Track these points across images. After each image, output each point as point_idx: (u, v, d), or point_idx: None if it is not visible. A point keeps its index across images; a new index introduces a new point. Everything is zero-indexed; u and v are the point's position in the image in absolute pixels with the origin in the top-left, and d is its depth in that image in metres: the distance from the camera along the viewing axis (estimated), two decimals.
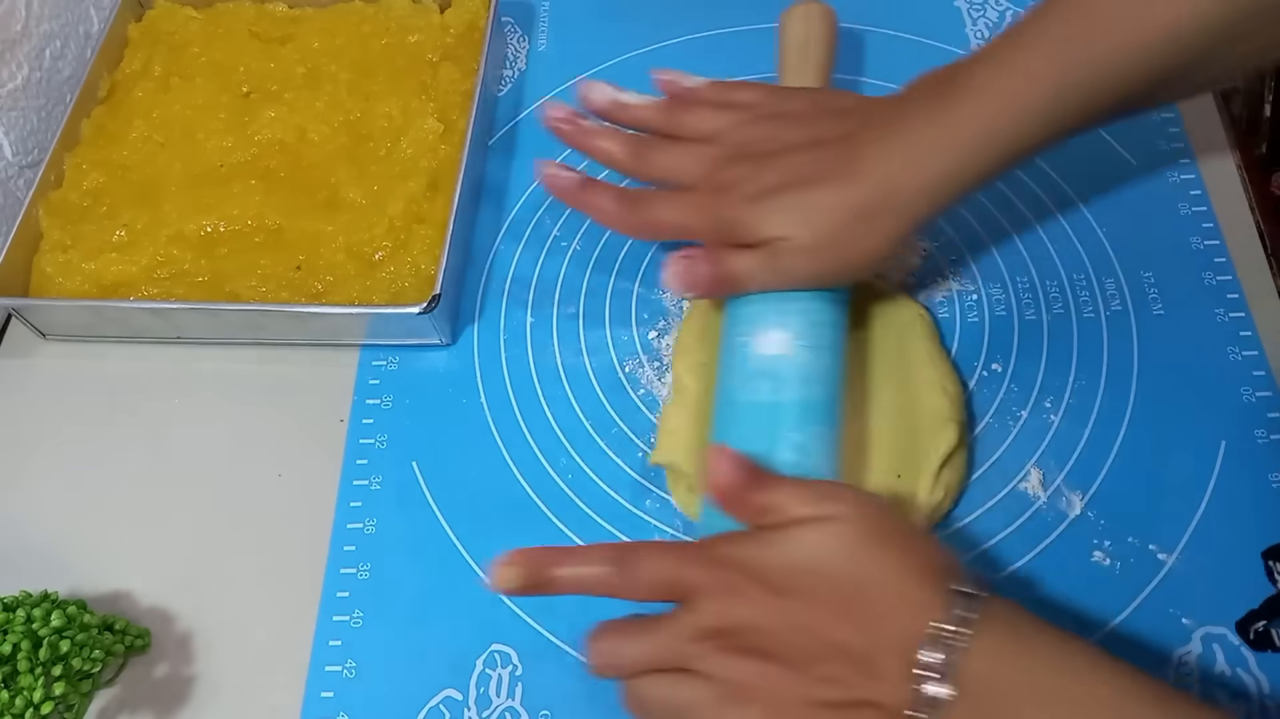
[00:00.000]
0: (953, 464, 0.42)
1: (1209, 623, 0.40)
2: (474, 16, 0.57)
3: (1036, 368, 0.46)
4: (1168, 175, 0.52)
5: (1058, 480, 0.43)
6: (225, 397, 0.49)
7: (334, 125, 0.53)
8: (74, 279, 0.49)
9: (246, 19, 0.58)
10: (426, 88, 0.55)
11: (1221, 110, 0.54)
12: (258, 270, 0.49)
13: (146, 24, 0.58)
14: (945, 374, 0.44)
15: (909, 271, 0.49)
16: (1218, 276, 0.48)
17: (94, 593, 0.43)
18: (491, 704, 0.40)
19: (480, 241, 0.52)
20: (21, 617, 0.38)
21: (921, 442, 0.42)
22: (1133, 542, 0.42)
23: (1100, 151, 0.53)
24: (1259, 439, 0.44)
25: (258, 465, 0.47)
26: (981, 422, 0.45)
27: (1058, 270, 0.49)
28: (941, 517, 0.42)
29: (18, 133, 0.54)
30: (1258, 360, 0.46)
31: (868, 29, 0.58)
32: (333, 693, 0.41)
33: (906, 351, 0.45)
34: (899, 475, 0.41)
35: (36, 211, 0.51)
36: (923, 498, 0.41)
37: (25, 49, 0.55)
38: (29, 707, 0.36)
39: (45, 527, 0.46)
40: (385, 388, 0.48)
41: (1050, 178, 0.52)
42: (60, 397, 0.49)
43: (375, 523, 0.45)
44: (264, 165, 0.53)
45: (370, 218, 0.50)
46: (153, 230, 0.50)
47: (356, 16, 0.57)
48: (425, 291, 0.47)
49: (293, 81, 0.55)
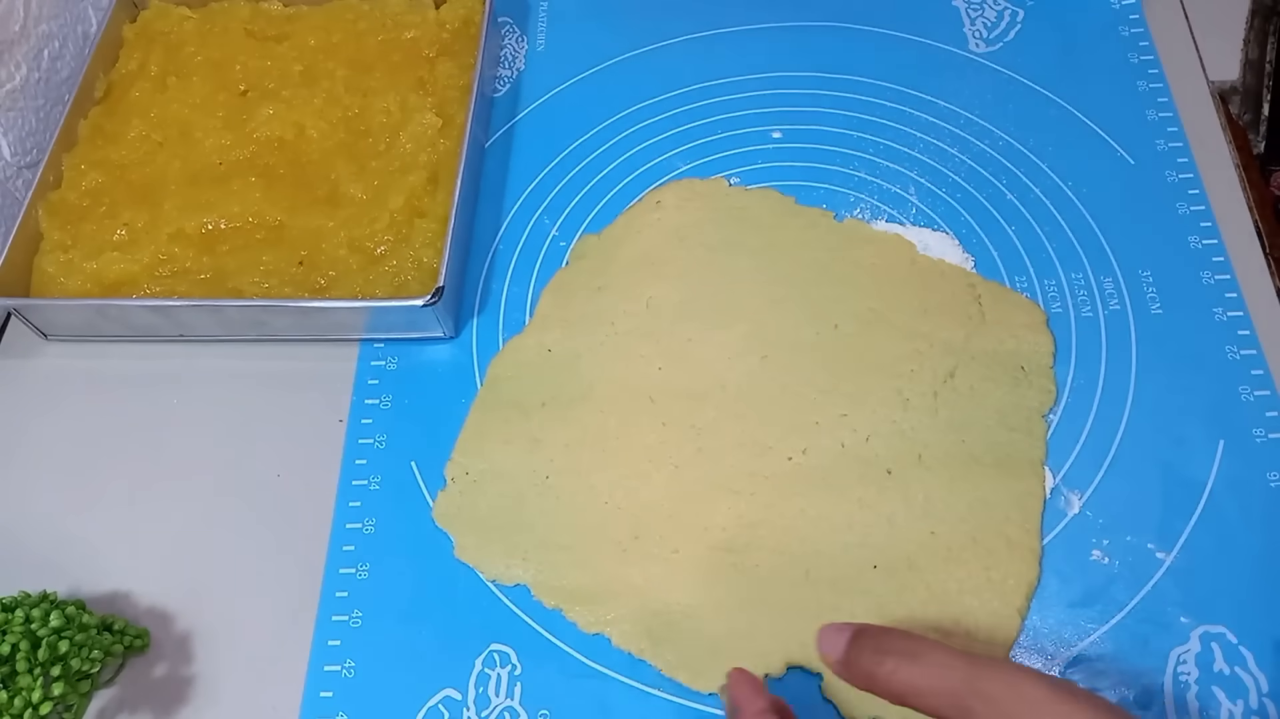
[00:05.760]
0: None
1: (1207, 622, 0.40)
2: (470, 12, 0.57)
3: None
4: (1166, 174, 0.52)
5: (1056, 479, 0.43)
6: (225, 397, 0.49)
7: (332, 121, 0.53)
8: (76, 279, 0.49)
9: (242, 18, 0.58)
10: (424, 83, 0.55)
11: (1220, 110, 0.54)
12: (260, 267, 0.49)
13: (141, 24, 0.58)
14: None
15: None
16: (1216, 276, 0.48)
17: (93, 593, 0.43)
18: (491, 704, 0.40)
19: (480, 237, 0.52)
20: (20, 617, 0.38)
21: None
22: (1131, 540, 0.42)
23: (1099, 151, 0.53)
24: (1257, 438, 0.44)
25: (257, 465, 0.47)
26: None
27: (1056, 269, 0.49)
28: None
29: (16, 133, 0.54)
30: (1256, 359, 0.46)
31: (867, 29, 0.58)
32: (332, 693, 0.41)
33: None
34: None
35: (36, 212, 0.51)
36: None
37: (24, 49, 0.54)
38: (28, 707, 0.36)
39: (45, 527, 0.46)
40: (384, 388, 0.48)
41: (1049, 177, 0.52)
42: (60, 396, 0.49)
43: (374, 523, 0.45)
44: (263, 162, 0.53)
45: (371, 212, 0.50)
46: (153, 229, 0.50)
47: (352, 14, 0.57)
48: (428, 285, 0.47)
49: (290, 79, 0.55)
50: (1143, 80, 0.55)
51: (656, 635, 0.41)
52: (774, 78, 0.57)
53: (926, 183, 0.52)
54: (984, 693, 0.28)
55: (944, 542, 0.42)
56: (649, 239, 0.51)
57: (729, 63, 0.57)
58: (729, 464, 0.44)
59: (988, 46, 0.57)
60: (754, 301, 0.48)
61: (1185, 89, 0.55)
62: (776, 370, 0.46)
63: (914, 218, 0.51)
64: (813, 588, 0.41)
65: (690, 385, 0.46)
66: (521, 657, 0.41)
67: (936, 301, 0.48)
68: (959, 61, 0.57)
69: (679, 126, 0.55)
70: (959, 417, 0.45)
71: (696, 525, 0.43)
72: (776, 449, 0.44)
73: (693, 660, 0.40)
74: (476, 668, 0.41)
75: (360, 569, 0.44)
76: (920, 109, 0.55)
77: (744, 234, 0.51)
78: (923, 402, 0.45)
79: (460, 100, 0.53)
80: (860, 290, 0.49)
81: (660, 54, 0.58)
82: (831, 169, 0.53)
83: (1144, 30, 0.57)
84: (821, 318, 0.48)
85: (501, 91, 0.58)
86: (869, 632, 0.32)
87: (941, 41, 0.58)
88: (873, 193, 0.52)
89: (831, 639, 0.32)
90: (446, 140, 0.52)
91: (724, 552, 0.42)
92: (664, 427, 0.45)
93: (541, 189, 0.54)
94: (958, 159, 0.53)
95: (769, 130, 0.55)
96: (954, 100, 0.55)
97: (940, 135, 0.54)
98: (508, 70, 0.59)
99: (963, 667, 0.29)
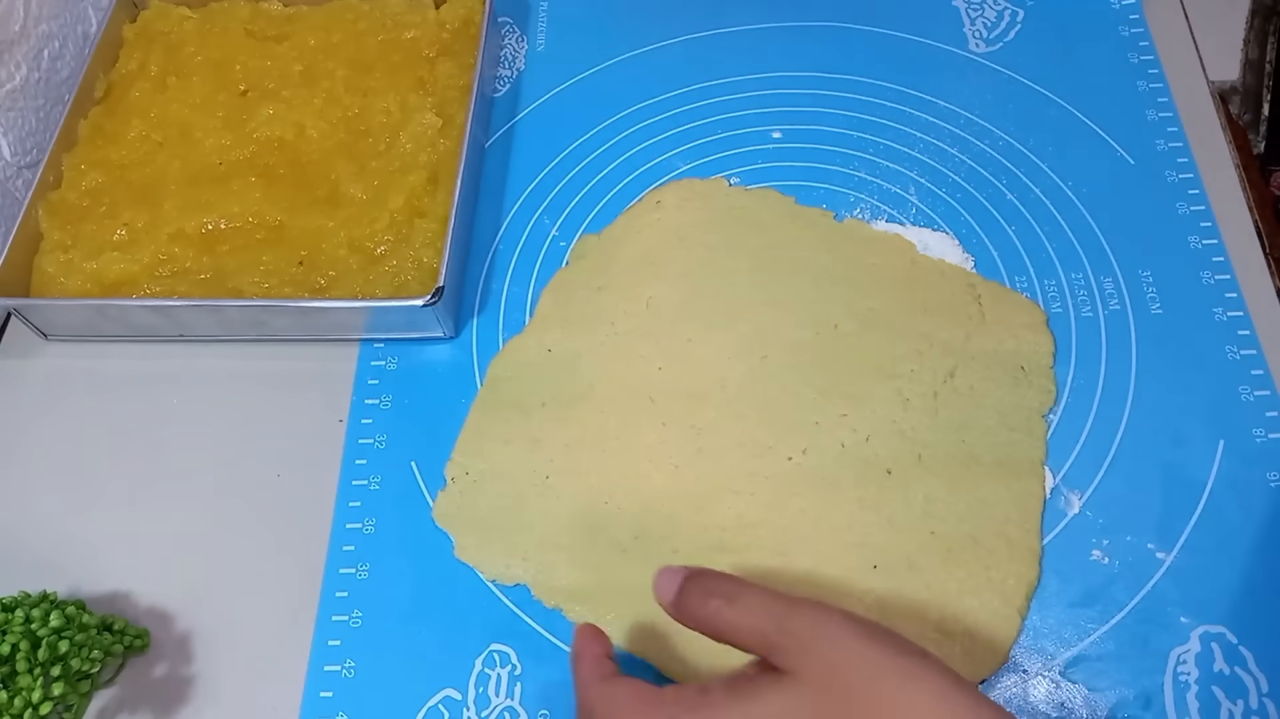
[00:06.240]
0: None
1: (1207, 621, 0.40)
2: (470, 12, 0.57)
3: None
4: (1166, 174, 0.52)
5: (1056, 479, 0.43)
6: (225, 397, 0.49)
7: (332, 121, 0.53)
8: (76, 279, 0.49)
9: (241, 18, 0.58)
10: (424, 83, 0.55)
11: (1220, 109, 0.54)
12: (260, 267, 0.49)
13: (141, 24, 0.58)
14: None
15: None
16: (1216, 276, 0.48)
17: (93, 593, 0.43)
18: (491, 704, 0.40)
19: (480, 238, 0.52)
20: (20, 617, 0.38)
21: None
22: (1131, 540, 0.42)
23: (1099, 151, 0.53)
24: (1257, 438, 0.44)
25: (257, 465, 0.47)
26: None
27: (1056, 269, 0.49)
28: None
29: (16, 133, 0.54)
30: (1256, 359, 0.46)
31: (867, 29, 0.58)
32: (332, 693, 0.41)
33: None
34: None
35: (36, 212, 0.51)
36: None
37: (23, 49, 0.54)
38: (28, 707, 0.36)
39: (44, 527, 0.46)
40: (384, 388, 0.48)
41: (1049, 177, 0.52)
42: (60, 396, 0.49)
43: (374, 523, 0.45)
44: (263, 162, 0.53)
45: (371, 212, 0.50)
46: (153, 229, 0.50)
47: (352, 14, 0.57)
48: (428, 285, 0.47)
49: (290, 79, 0.55)
50: (1143, 80, 0.55)
51: (656, 635, 0.41)
52: (774, 78, 0.57)
53: (926, 183, 0.52)
54: (790, 629, 0.29)
55: (944, 542, 0.42)
56: (649, 239, 0.51)
57: (729, 63, 0.57)
58: (729, 464, 0.44)
59: (988, 46, 0.57)
60: (754, 301, 0.48)
61: (1185, 89, 0.55)
62: (776, 370, 0.46)
63: (914, 218, 0.51)
64: (813, 588, 0.41)
65: (690, 385, 0.46)
66: (521, 657, 0.41)
67: (936, 301, 0.48)
68: (959, 61, 0.57)
69: (679, 126, 0.55)
70: (959, 417, 0.45)
71: (696, 525, 0.43)
72: (776, 449, 0.44)
73: (693, 661, 0.40)
74: (476, 668, 0.41)
75: (360, 569, 0.44)
76: (920, 109, 0.55)
77: (744, 234, 0.51)
78: (923, 402, 0.45)
79: (460, 100, 0.53)
80: (860, 290, 0.49)
81: (660, 54, 0.58)
82: (831, 169, 0.53)
83: (1144, 30, 0.57)
84: (821, 318, 0.48)
85: (501, 91, 0.58)
86: (699, 575, 0.32)
87: (941, 41, 0.58)
88: (873, 193, 0.52)
89: (666, 583, 0.33)
90: (446, 140, 0.52)
91: (724, 552, 0.42)
92: (664, 426, 0.45)
93: (541, 189, 0.54)
94: (958, 159, 0.53)
95: (769, 130, 0.55)
96: (954, 100, 0.55)
97: (940, 135, 0.54)
98: (508, 70, 0.59)
99: (778, 608, 0.30)
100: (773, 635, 0.30)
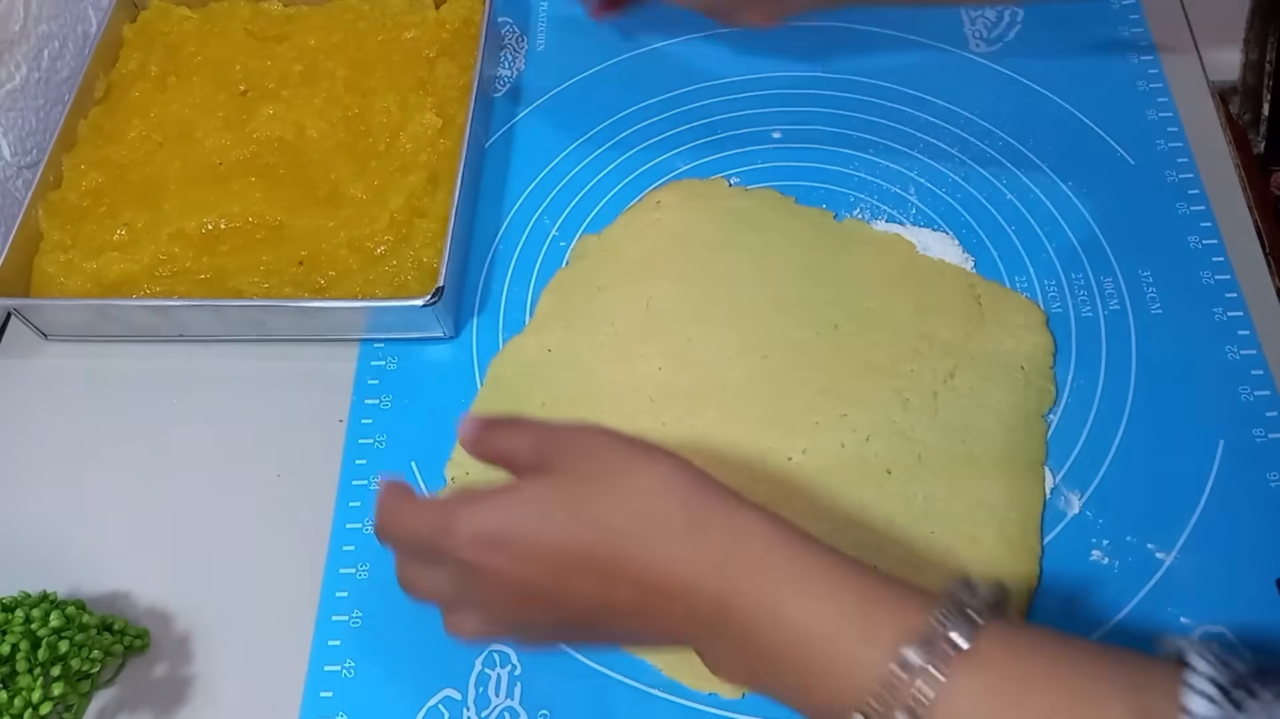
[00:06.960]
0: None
1: (1207, 621, 0.40)
2: (470, 12, 0.57)
3: None
4: (1166, 174, 0.52)
5: (1056, 479, 0.43)
6: (225, 397, 0.49)
7: (332, 121, 0.53)
8: (76, 279, 0.49)
9: (242, 18, 0.58)
10: (424, 83, 0.55)
11: (1220, 109, 0.54)
12: (260, 267, 0.49)
13: (141, 24, 0.58)
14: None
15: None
16: (1216, 276, 0.48)
17: (93, 593, 0.43)
18: (491, 704, 0.40)
19: (480, 238, 0.52)
20: (20, 617, 0.38)
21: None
22: (1131, 540, 0.42)
23: (1098, 151, 0.53)
24: (1257, 438, 0.44)
25: (257, 465, 0.47)
26: None
27: (1056, 269, 0.49)
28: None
29: (16, 133, 0.54)
30: (1256, 359, 0.46)
31: (867, 29, 0.58)
32: (332, 693, 0.41)
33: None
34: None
35: (36, 212, 0.51)
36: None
37: (23, 49, 0.55)
38: (28, 707, 0.36)
39: (44, 527, 0.46)
40: (384, 388, 0.48)
41: (1049, 177, 0.52)
42: (60, 396, 0.49)
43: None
44: (263, 162, 0.53)
45: (371, 212, 0.50)
46: (153, 229, 0.50)
47: (352, 14, 0.57)
48: (428, 285, 0.47)
49: (290, 79, 0.55)
50: (1143, 80, 0.55)
51: None
52: (774, 78, 0.57)
53: (926, 183, 0.52)
54: (555, 438, 0.34)
55: (944, 542, 0.42)
56: (649, 239, 0.51)
57: (729, 63, 0.57)
58: (729, 464, 0.44)
59: (988, 46, 0.57)
60: (754, 302, 0.48)
61: (1185, 89, 0.55)
62: (776, 370, 0.46)
63: (914, 218, 0.51)
64: None
65: (690, 385, 0.46)
66: (521, 657, 0.41)
67: (936, 301, 0.48)
68: (959, 61, 0.57)
69: (679, 126, 0.55)
70: (959, 417, 0.45)
71: None
72: (776, 449, 0.44)
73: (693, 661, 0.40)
74: (476, 668, 0.41)
75: (360, 569, 0.43)
76: (920, 109, 0.55)
77: (744, 234, 0.51)
78: (923, 402, 0.45)
79: (460, 100, 0.53)
80: (860, 290, 0.49)
81: (660, 54, 0.58)
82: (831, 169, 0.53)
83: (1144, 30, 0.57)
84: (821, 318, 0.48)
85: (501, 91, 0.58)
86: (492, 422, 0.36)
87: (941, 41, 0.58)
88: (873, 193, 0.52)
89: (467, 427, 0.36)
90: (446, 140, 0.52)
91: None
92: (664, 427, 0.45)
93: (541, 189, 0.54)
94: (958, 159, 0.53)
95: (769, 130, 0.55)
96: (954, 100, 0.55)
97: (940, 135, 0.54)
98: (508, 70, 0.59)
99: (549, 427, 0.35)
100: (541, 445, 0.34)
